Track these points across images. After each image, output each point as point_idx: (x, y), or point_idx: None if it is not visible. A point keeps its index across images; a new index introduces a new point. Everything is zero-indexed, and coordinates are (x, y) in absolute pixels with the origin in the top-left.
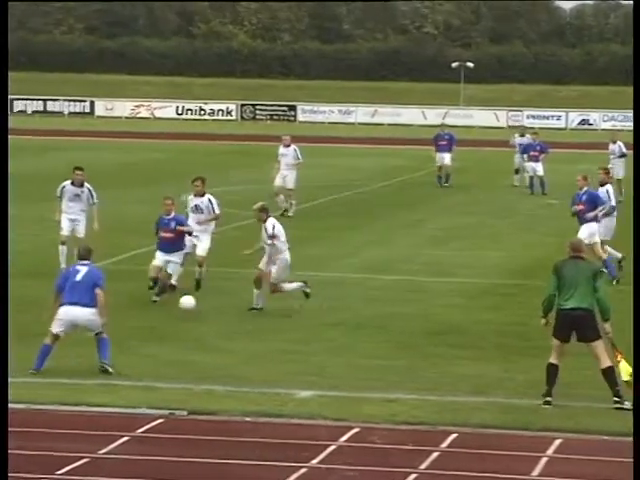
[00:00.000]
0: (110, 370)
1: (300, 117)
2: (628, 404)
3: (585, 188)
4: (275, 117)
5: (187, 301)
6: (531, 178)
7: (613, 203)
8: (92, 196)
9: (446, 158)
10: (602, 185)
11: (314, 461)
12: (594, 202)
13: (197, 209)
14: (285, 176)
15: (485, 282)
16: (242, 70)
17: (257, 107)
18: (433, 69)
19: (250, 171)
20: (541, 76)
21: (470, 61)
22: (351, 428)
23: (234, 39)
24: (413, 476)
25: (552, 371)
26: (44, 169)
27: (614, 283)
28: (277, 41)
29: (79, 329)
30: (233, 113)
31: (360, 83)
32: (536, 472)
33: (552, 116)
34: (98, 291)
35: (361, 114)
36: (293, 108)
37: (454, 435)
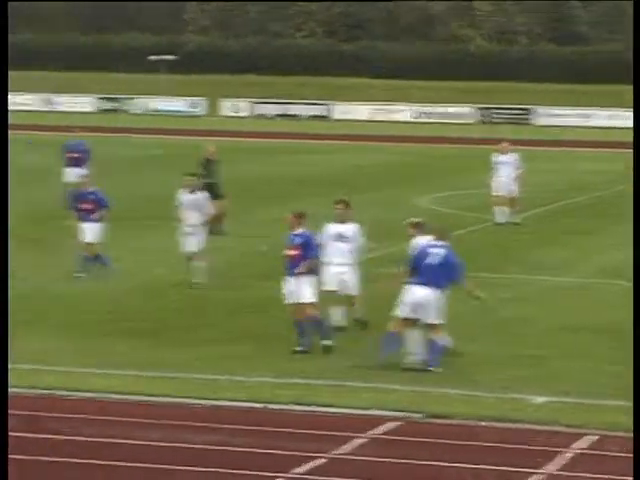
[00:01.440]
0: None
1: (536, 121)
2: None
3: None
4: (511, 120)
5: None
6: None
7: None
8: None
9: None
10: None
11: (549, 467)
12: None
13: (341, 237)
14: (508, 185)
15: None
16: (478, 73)
17: (493, 111)
18: None
19: (486, 175)
20: None
21: None
22: (587, 435)
23: (471, 42)
24: None
25: None
26: (279, 171)
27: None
28: (513, 44)
29: (420, 312)
30: (470, 117)
31: (598, 86)
32: None
33: None
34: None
35: (599, 117)
36: (529, 111)
37: None
